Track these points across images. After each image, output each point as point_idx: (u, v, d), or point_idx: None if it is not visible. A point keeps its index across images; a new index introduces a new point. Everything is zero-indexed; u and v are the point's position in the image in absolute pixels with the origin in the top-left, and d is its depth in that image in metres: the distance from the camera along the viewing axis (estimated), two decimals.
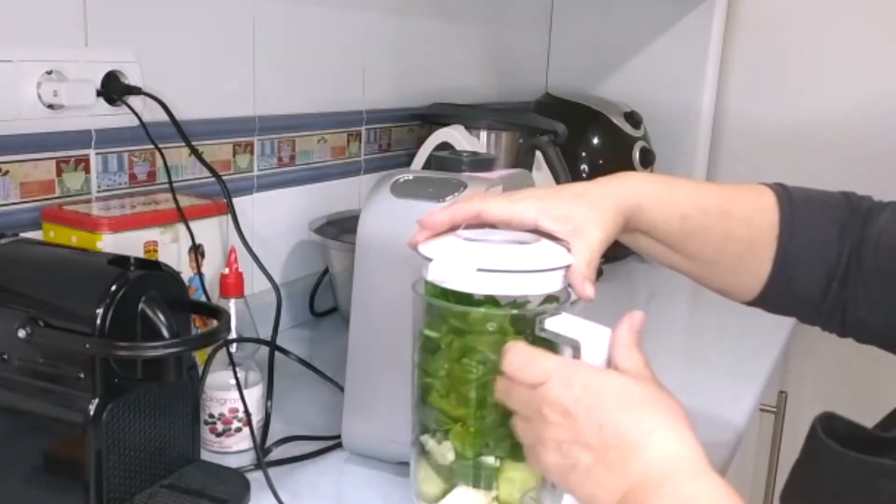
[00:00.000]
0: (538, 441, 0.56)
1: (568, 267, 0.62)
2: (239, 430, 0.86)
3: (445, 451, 0.64)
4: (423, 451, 0.67)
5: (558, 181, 1.40)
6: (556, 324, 0.60)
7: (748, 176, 1.94)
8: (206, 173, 1.02)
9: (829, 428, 0.59)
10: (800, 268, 0.71)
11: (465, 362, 0.62)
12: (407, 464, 0.84)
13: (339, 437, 0.86)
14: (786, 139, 1.83)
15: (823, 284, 0.71)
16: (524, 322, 0.61)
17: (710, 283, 0.76)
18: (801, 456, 0.62)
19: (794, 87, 1.81)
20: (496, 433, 0.62)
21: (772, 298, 0.74)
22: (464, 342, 0.62)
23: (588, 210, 0.64)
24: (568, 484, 0.56)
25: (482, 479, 0.63)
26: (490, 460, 0.63)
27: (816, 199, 0.73)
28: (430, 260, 0.61)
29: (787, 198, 0.72)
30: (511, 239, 0.63)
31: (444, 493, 0.65)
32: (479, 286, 0.60)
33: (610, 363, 0.58)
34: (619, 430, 0.53)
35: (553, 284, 0.61)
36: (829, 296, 0.71)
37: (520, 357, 0.58)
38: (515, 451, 0.62)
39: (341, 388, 0.85)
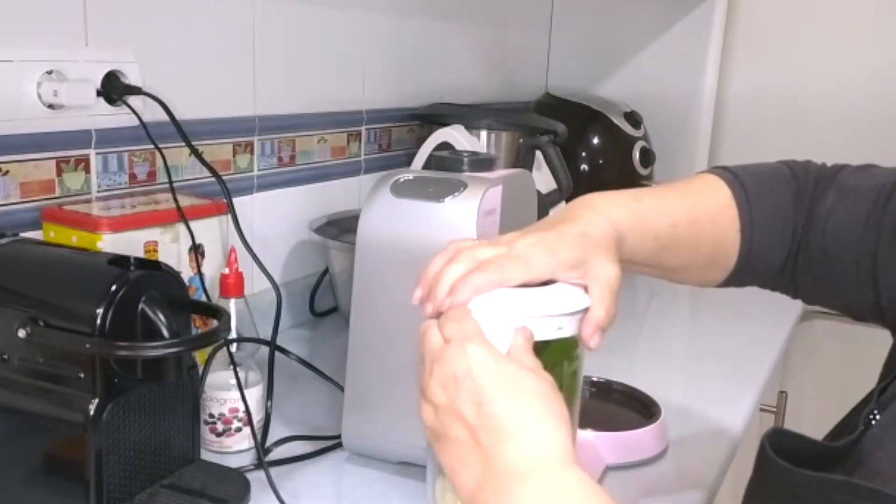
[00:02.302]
0: (422, 392, 0.56)
1: (585, 310, 0.60)
2: (239, 430, 0.86)
3: None
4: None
5: (558, 181, 1.40)
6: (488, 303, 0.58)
7: None
8: (206, 173, 1.02)
9: (779, 445, 0.58)
10: (762, 252, 0.74)
11: None
12: (407, 464, 0.84)
13: (339, 437, 0.86)
14: (786, 140, 1.83)
15: (782, 262, 0.74)
16: None
17: (680, 281, 0.78)
18: (753, 476, 0.62)
19: (794, 87, 1.81)
20: None
21: (735, 280, 0.77)
22: None
23: (595, 251, 0.63)
24: (437, 449, 0.55)
25: None
26: None
27: (765, 182, 0.74)
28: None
29: (740, 186, 0.74)
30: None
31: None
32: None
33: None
34: (497, 413, 0.51)
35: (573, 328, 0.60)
36: (785, 271, 0.74)
37: (452, 313, 0.57)
38: None
39: (341, 388, 0.85)
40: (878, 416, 0.58)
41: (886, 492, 0.50)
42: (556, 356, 0.59)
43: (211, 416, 0.85)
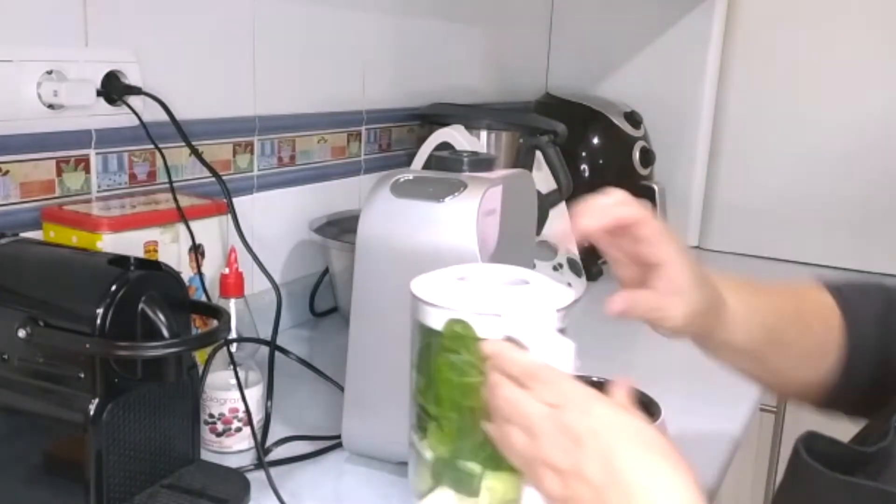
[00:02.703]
0: (539, 462, 0.55)
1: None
2: (239, 429, 0.86)
3: (424, 449, 0.65)
4: (413, 447, 0.67)
5: (558, 181, 1.40)
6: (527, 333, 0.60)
7: (748, 175, 1.94)
8: (206, 173, 1.02)
9: (812, 448, 0.58)
10: (859, 367, 0.73)
11: (441, 360, 0.62)
12: (407, 464, 0.84)
13: (339, 437, 0.86)
14: (786, 139, 1.83)
15: (878, 381, 0.73)
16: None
17: (777, 390, 0.80)
18: (785, 477, 0.62)
19: (794, 86, 1.81)
20: (471, 438, 0.61)
21: (834, 396, 0.75)
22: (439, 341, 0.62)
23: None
24: None
25: (463, 484, 0.62)
26: (471, 466, 0.62)
27: (863, 292, 0.75)
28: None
29: (838, 292, 0.75)
30: (510, 280, 0.65)
31: (431, 491, 0.65)
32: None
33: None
34: (627, 469, 0.51)
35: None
36: (876, 384, 0.73)
37: (536, 370, 0.56)
38: (496, 461, 0.60)
39: (341, 388, 0.85)
40: None
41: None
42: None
43: (211, 416, 0.85)
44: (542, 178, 1.39)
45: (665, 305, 0.67)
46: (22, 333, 0.67)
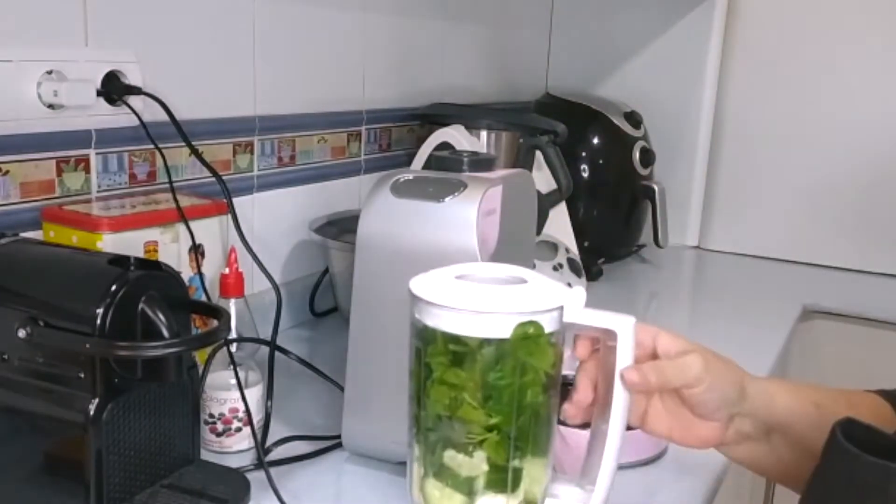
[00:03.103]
0: None
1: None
2: (239, 429, 0.86)
3: (479, 463, 0.63)
4: (442, 469, 0.64)
5: (558, 181, 1.40)
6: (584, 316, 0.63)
7: (748, 175, 1.95)
8: (206, 173, 1.02)
9: (850, 433, 0.59)
10: None
11: (499, 370, 0.61)
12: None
13: (339, 437, 0.86)
14: (786, 139, 1.83)
15: None
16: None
17: None
18: (821, 462, 0.62)
19: (794, 86, 1.81)
20: (527, 434, 0.62)
21: None
22: (497, 349, 0.61)
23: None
24: None
25: (510, 482, 0.63)
26: (517, 462, 0.63)
27: None
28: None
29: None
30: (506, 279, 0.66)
31: None
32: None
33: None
34: None
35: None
36: None
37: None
38: (536, 447, 0.63)
39: (341, 388, 0.85)
40: None
41: None
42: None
43: (211, 416, 0.85)
44: (542, 178, 1.39)
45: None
46: (22, 333, 0.67)
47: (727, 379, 0.68)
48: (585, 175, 1.66)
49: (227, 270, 0.87)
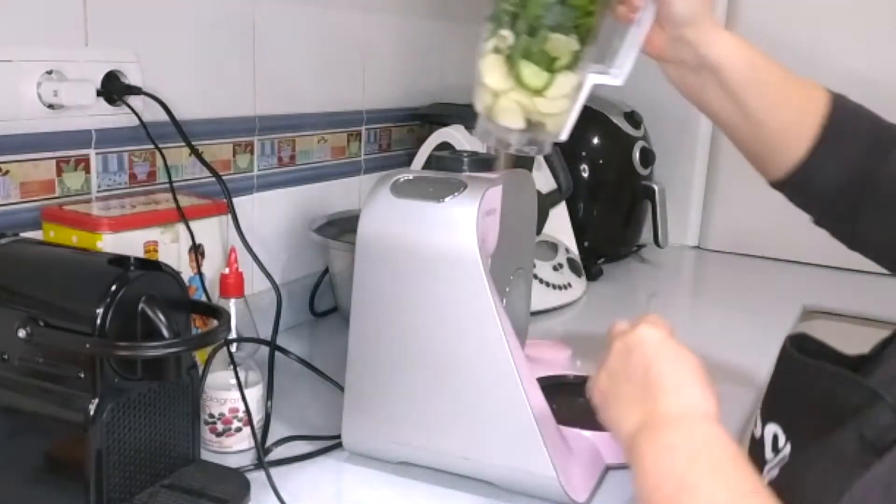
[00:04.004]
0: (600, 366, 0.69)
1: None
2: (239, 429, 0.86)
3: (574, 43, 0.75)
4: (539, 53, 0.75)
5: (558, 181, 1.40)
6: None
7: (749, 175, 1.94)
8: (206, 173, 1.02)
9: (801, 346, 0.66)
10: (829, 162, 0.79)
11: None
12: (407, 464, 0.84)
13: (339, 437, 0.86)
14: None
15: (843, 188, 0.79)
16: None
17: (748, 145, 0.84)
18: (773, 375, 0.70)
19: None
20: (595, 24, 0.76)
21: (796, 184, 0.82)
22: None
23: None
24: (604, 407, 0.68)
25: (582, 59, 0.76)
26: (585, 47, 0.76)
27: (862, 112, 0.81)
28: None
29: (841, 99, 0.81)
30: None
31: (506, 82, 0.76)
32: None
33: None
34: (661, 375, 0.63)
35: None
36: (843, 199, 0.79)
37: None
38: (594, 36, 0.76)
39: (341, 388, 0.85)
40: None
41: (882, 395, 0.56)
42: None
43: (211, 416, 0.85)
44: (542, 178, 1.39)
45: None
46: (22, 333, 0.67)
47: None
48: (585, 175, 1.66)
49: (227, 270, 0.87)
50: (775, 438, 0.65)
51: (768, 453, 0.66)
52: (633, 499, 0.82)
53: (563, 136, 0.80)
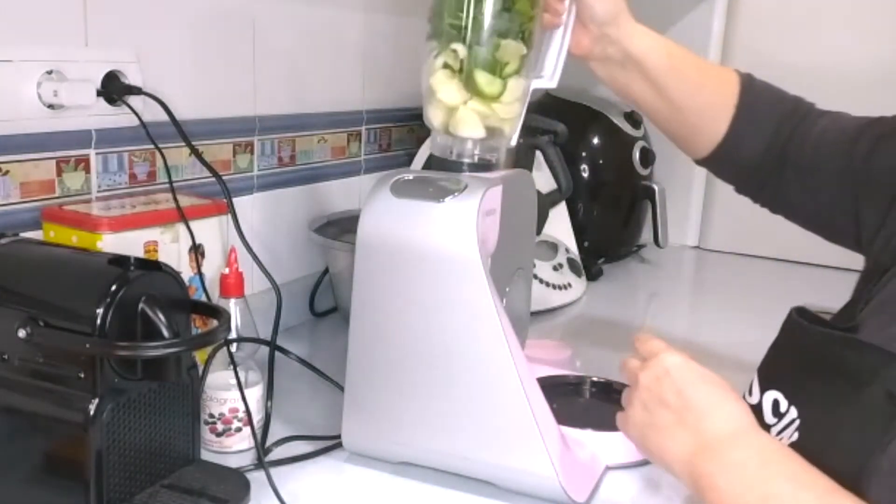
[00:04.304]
0: (629, 402, 0.71)
1: None
2: (239, 429, 0.86)
3: (521, 48, 0.80)
4: (490, 60, 0.80)
5: (558, 181, 1.40)
6: None
7: None
8: (206, 173, 1.02)
9: (802, 315, 0.71)
10: (746, 137, 0.87)
11: None
12: (407, 464, 0.84)
13: (339, 437, 0.86)
14: None
15: (760, 156, 0.87)
16: None
17: (673, 128, 0.91)
18: (777, 337, 0.74)
19: (794, 86, 1.80)
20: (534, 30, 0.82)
21: (719, 159, 0.90)
22: None
23: None
24: (645, 439, 0.70)
25: (531, 64, 0.83)
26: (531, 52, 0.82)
27: (772, 90, 0.89)
28: None
29: (749, 78, 0.89)
30: None
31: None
32: None
33: None
34: (696, 398, 0.66)
35: None
36: (761, 170, 0.87)
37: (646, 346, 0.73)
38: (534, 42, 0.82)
39: (341, 388, 0.85)
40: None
41: (876, 343, 0.62)
42: None
43: (211, 416, 0.85)
44: (542, 178, 1.39)
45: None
46: (22, 333, 0.67)
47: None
48: (585, 175, 1.66)
49: (227, 270, 0.87)
50: (776, 404, 0.70)
51: (769, 418, 0.70)
52: (635, 500, 0.83)
53: (513, 141, 0.86)
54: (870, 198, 0.78)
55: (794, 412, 0.68)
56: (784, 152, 0.86)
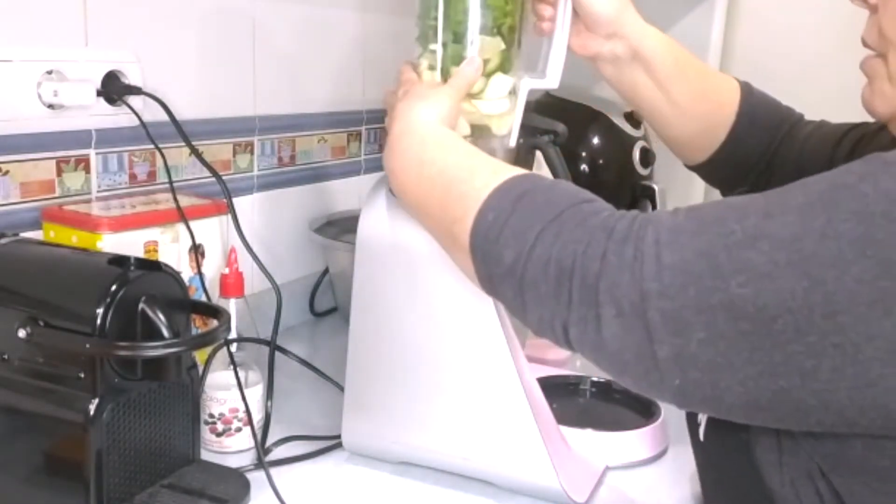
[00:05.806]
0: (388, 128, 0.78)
1: None
2: (239, 429, 0.86)
3: (499, 43, 0.81)
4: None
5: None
6: None
7: None
8: (206, 173, 1.02)
9: None
10: (743, 145, 0.88)
11: None
12: (407, 464, 0.84)
13: (339, 437, 0.86)
14: None
15: (752, 165, 0.89)
16: None
17: (674, 132, 0.91)
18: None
19: (794, 87, 1.80)
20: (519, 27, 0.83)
21: (714, 165, 0.91)
22: None
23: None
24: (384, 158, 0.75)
25: (511, 61, 0.83)
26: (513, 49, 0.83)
27: (768, 97, 0.92)
28: None
29: (749, 87, 0.91)
30: None
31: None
32: None
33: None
34: (400, 107, 0.75)
35: None
36: (751, 177, 0.89)
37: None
38: (519, 40, 0.82)
39: (341, 388, 0.85)
40: None
41: None
42: None
43: (211, 416, 0.85)
44: None
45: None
46: (22, 333, 0.67)
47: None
48: (585, 175, 1.66)
49: (227, 270, 0.87)
50: None
51: None
52: (635, 500, 0.83)
53: (512, 142, 0.86)
54: None
55: None
56: (773, 158, 0.88)
